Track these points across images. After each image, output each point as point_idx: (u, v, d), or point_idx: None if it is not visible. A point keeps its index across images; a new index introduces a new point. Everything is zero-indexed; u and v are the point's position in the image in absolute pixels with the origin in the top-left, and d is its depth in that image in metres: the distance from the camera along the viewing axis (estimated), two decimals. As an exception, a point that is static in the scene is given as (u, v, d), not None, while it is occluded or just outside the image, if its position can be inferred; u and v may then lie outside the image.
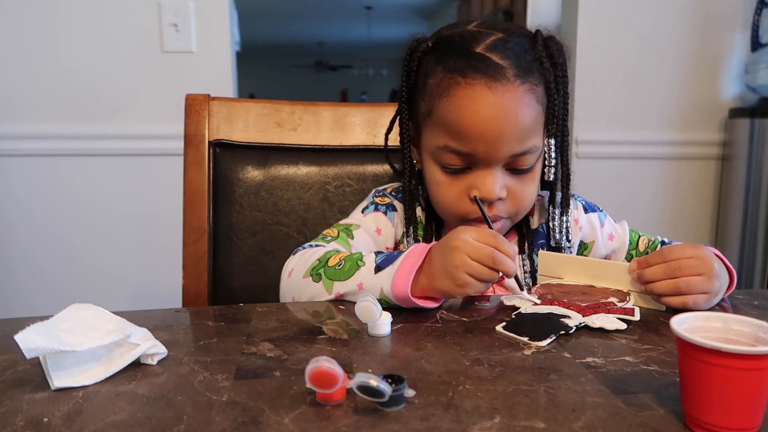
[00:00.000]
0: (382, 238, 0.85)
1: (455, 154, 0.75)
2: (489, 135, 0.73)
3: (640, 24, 1.86)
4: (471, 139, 0.73)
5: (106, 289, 1.77)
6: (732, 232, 1.91)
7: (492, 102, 0.72)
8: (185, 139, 0.97)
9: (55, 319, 0.53)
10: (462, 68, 0.74)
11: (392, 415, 0.44)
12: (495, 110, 0.72)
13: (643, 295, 0.69)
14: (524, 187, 0.78)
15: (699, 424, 0.42)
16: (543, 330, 0.60)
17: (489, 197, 0.75)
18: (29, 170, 1.68)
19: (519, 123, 0.73)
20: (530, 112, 0.74)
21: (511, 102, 0.72)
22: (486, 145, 0.73)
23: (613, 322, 0.62)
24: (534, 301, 0.68)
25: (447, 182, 0.78)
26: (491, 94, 0.72)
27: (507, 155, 0.74)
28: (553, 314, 0.64)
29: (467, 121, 0.73)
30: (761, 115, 1.79)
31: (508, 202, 0.77)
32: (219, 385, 0.49)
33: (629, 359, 0.54)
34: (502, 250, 0.65)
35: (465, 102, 0.73)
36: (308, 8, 6.36)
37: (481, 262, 0.64)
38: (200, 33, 1.68)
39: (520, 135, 0.73)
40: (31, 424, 0.44)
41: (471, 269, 0.64)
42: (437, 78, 0.76)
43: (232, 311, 0.70)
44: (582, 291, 0.71)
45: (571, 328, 0.60)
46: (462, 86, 0.73)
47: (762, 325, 0.43)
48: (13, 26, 1.61)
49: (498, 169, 0.75)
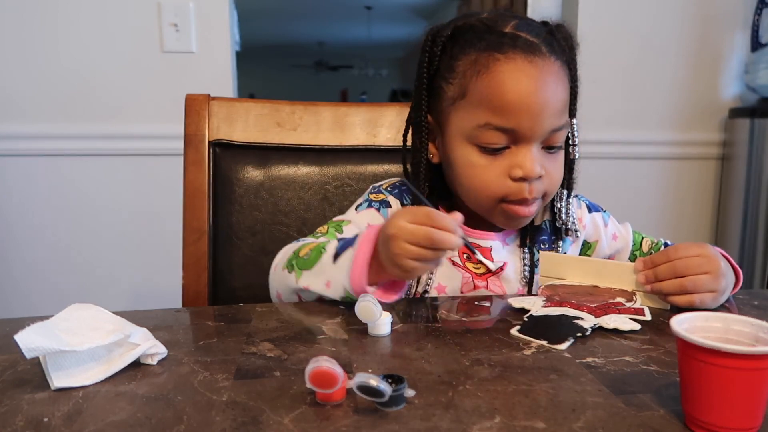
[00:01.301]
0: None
1: (498, 131, 0.74)
2: (534, 107, 0.72)
3: (640, 24, 1.86)
4: (516, 113, 0.73)
5: (106, 289, 1.77)
6: (732, 232, 1.90)
7: (535, 75, 0.73)
8: (185, 139, 0.97)
9: (55, 319, 0.53)
10: (498, 45, 0.74)
11: (392, 415, 0.44)
12: (538, 83, 0.73)
13: (648, 294, 0.69)
14: (556, 165, 0.78)
15: (699, 424, 0.42)
16: (561, 332, 0.59)
17: (531, 175, 0.74)
18: (29, 170, 1.68)
19: (558, 96, 0.74)
20: (564, 88, 0.76)
21: (551, 75, 0.74)
22: (530, 119, 0.73)
23: (626, 322, 0.62)
24: (542, 303, 0.68)
25: (485, 164, 0.76)
26: (533, 68, 0.73)
27: (548, 129, 0.74)
28: (565, 316, 0.64)
29: (512, 94, 0.73)
30: (761, 115, 1.79)
31: (544, 181, 0.76)
32: (219, 385, 0.49)
33: (629, 359, 0.54)
34: (440, 226, 0.63)
35: (507, 76, 0.73)
36: (308, 8, 6.36)
37: (420, 245, 0.63)
38: (200, 33, 1.68)
39: (559, 109, 0.75)
40: (31, 424, 0.44)
41: (411, 254, 0.63)
42: (470, 58, 0.75)
43: (232, 311, 0.70)
44: (588, 291, 0.71)
45: (587, 329, 0.60)
46: (502, 61, 0.73)
47: (762, 325, 0.43)
48: (13, 26, 1.61)
49: (537, 147, 0.75)
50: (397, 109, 1.03)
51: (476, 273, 0.81)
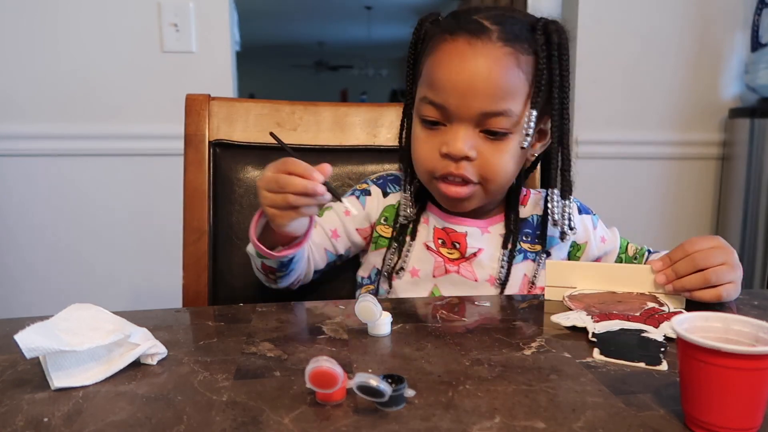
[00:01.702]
0: (349, 219, 0.88)
1: (432, 105, 0.77)
2: (460, 86, 0.75)
3: (640, 24, 1.86)
4: (444, 89, 0.76)
5: (106, 289, 1.77)
6: (732, 232, 1.90)
7: (469, 56, 0.75)
8: (185, 139, 0.97)
9: (55, 319, 0.53)
10: (453, 28, 0.77)
11: (392, 415, 0.44)
12: (469, 64, 0.75)
13: (669, 295, 0.69)
14: (496, 153, 0.77)
15: (699, 424, 0.42)
16: (646, 350, 0.56)
17: (453, 152, 0.76)
18: (29, 170, 1.68)
19: (491, 80, 0.74)
20: (507, 75, 0.75)
21: (487, 59, 0.75)
22: (456, 97, 0.75)
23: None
24: (587, 317, 0.64)
25: (424, 137, 0.80)
26: (470, 49, 0.75)
27: (477, 111, 0.75)
28: (627, 330, 0.60)
29: (443, 71, 0.76)
30: (761, 115, 1.79)
31: (478, 165, 0.77)
32: (219, 385, 0.49)
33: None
34: (292, 171, 0.65)
35: (445, 55, 0.77)
36: (308, 8, 6.36)
37: (272, 191, 0.66)
38: (200, 33, 1.68)
39: (492, 93, 0.74)
40: (31, 424, 0.44)
41: (267, 201, 0.66)
42: (432, 40, 0.80)
43: (232, 311, 0.70)
44: (616, 299, 0.69)
45: (665, 344, 0.57)
46: (447, 41, 0.77)
47: (762, 325, 0.43)
48: (13, 26, 1.61)
49: (469, 128, 0.76)
50: (397, 109, 1.03)
51: (449, 258, 0.83)
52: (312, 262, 0.87)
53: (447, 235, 0.84)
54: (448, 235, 0.84)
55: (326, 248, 0.88)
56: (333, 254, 0.89)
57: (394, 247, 0.85)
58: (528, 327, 0.64)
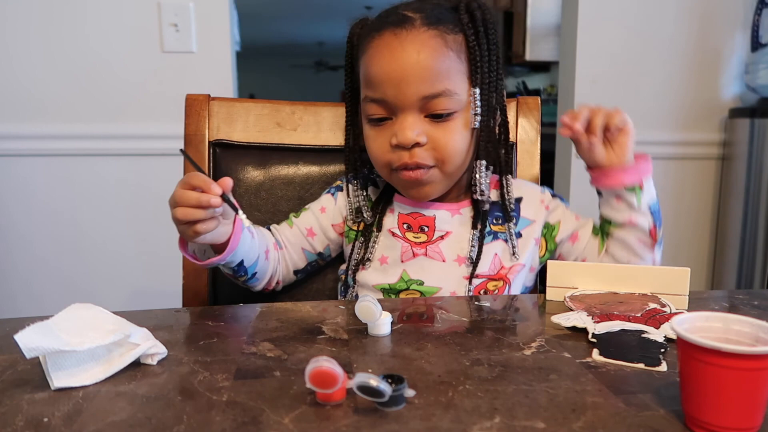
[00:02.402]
0: (324, 215, 0.91)
1: (374, 103, 0.80)
2: (393, 75, 0.77)
3: (640, 24, 1.86)
4: (380, 84, 0.78)
5: (106, 289, 1.77)
6: (732, 232, 1.90)
7: (396, 45, 0.77)
8: (185, 139, 0.97)
9: (55, 318, 0.53)
10: (378, 26, 0.80)
11: (392, 415, 0.44)
12: (397, 53, 0.77)
13: (671, 296, 0.69)
14: (446, 134, 0.79)
15: (699, 424, 0.42)
16: (646, 351, 0.56)
17: (404, 141, 0.77)
18: (29, 170, 1.68)
19: (422, 63, 0.76)
20: (437, 56, 0.77)
21: (414, 44, 0.77)
22: (393, 88, 0.77)
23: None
24: (587, 317, 0.64)
25: (374, 135, 0.82)
26: (396, 39, 0.77)
27: (416, 96, 0.77)
28: (627, 331, 0.60)
29: (375, 67, 0.79)
30: (761, 115, 1.79)
31: (430, 149, 0.79)
32: (219, 385, 0.49)
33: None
34: (192, 185, 0.68)
35: (375, 52, 0.79)
36: (308, 8, 6.35)
37: (173, 206, 0.69)
38: (200, 33, 1.68)
39: (425, 76, 0.76)
40: (31, 424, 0.44)
41: (173, 215, 0.69)
42: (363, 42, 0.83)
43: (232, 311, 0.70)
44: (618, 300, 0.69)
45: (666, 345, 0.57)
46: (375, 39, 0.80)
47: (762, 325, 0.43)
48: (13, 27, 1.61)
49: (414, 115, 0.78)
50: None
51: (415, 242, 0.85)
52: (288, 262, 0.90)
53: (414, 219, 0.86)
54: (415, 220, 0.86)
55: (303, 248, 0.91)
56: (312, 253, 0.92)
57: (360, 241, 0.87)
58: (528, 327, 0.64)
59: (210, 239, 0.73)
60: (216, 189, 0.67)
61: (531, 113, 1.01)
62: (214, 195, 0.66)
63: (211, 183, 0.67)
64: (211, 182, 0.67)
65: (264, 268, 0.85)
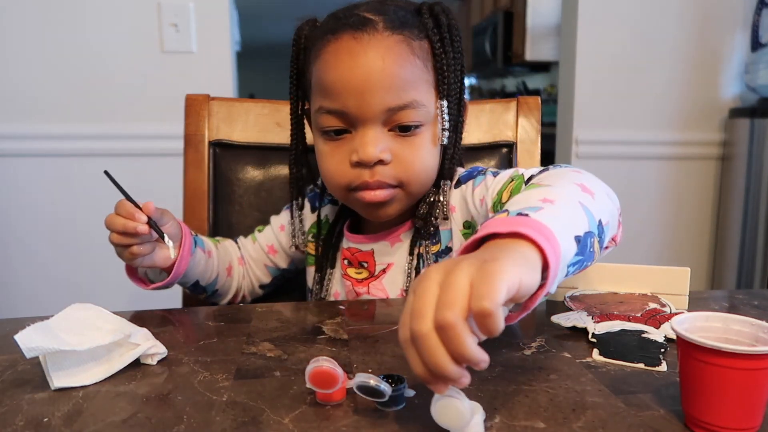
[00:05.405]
0: (283, 234, 0.88)
1: (330, 114, 0.70)
2: (356, 84, 0.67)
3: (640, 24, 1.86)
4: (339, 93, 0.69)
5: (106, 289, 1.77)
6: (732, 232, 1.90)
7: (357, 51, 0.68)
8: (185, 139, 0.97)
9: (55, 318, 0.53)
10: (334, 28, 0.71)
11: (392, 415, 0.44)
12: (359, 59, 0.68)
13: (671, 296, 0.69)
14: (412, 150, 0.71)
15: (699, 424, 0.42)
16: (646, 351, 0.56)
17: (366, 158, 0.68)
18: (29, 170, 1.68)
19: (387, 71, 0.67)
20: (403, 63, 0.68)
21: (378, 50, 0.68)
22: (355, 98, 0.68)
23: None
24: (588, 317, 0.63)
25: (329, 151, 0.73)
26: (357, 44, 0.68)
27: (381, 108, 0.68)
28: (627, 331, 0.60)
29: (333, 73, 0.69)
30: (761, 115, 1.79)
31: (394, 167, 0.70)
32: (219, 385, 0.49)
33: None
34: (119, 212, 0.69)
35: (332, 57, 0.69)
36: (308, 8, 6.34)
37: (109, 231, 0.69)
38: (200, 33, 1.68)
39: (391, 85, 0.68)
40: (31, 424, 0.44)
41: (110, 241, 0.70)
42: (315, 45, 0.73)
43: (232, 311, 0.70)
44: (618, 300, 0.69)
45: (666, 345, 0.57)
46: (331, 42, 0.70)
47: (762, 325, 0.43)
48: (13, 27, 1.61)
49: (377, 129, 0.69)
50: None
51: (357, 279, 0.79)
52: (252, 278, 0.89)
53: (352, 255, 0.80)
54: (353, 255, 0.79)
55: (266, 264, 0.89)
56: (275, 269, 0.89)
57: (316, 279, 0.83)
58: (528, 327, 0.64)
59: (149, 263, 0.71)
60: (141, 217, 0.67)
61: (531, 113, 1.01)
62: (140, 222, 0.67)
63: (135, 211, 0.67)
64: (135, 210, 0.67)
65: (227, 285, 0.84)
